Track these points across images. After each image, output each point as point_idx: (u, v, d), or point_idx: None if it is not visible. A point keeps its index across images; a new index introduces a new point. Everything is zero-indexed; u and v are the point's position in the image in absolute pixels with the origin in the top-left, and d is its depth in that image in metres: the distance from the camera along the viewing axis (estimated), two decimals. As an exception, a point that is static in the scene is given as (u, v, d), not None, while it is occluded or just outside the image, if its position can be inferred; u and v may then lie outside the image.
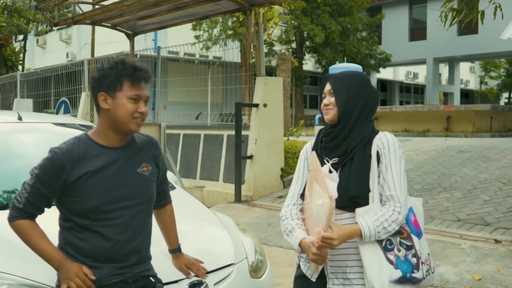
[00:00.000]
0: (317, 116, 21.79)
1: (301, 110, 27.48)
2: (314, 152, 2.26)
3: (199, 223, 3.69)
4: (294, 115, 27.91)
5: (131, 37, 11.06)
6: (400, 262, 2.13)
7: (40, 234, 2.18)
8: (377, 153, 2.22)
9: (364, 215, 2.15)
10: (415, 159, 9.41)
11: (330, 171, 2.23)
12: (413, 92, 43.50)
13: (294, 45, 27.44)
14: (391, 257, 2.13)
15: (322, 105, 2.32)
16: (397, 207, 2.14)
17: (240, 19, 18.76)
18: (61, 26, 19.97)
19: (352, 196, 2.17)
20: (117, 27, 10.70)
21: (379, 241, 2.15)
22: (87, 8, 12.11)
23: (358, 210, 2.17)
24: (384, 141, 2.23)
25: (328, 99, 2.30)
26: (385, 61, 28.25)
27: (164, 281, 2.54)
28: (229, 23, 23.22)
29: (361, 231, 2.11)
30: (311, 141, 2.44)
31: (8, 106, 15.39)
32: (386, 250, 2.14)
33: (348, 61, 23.22)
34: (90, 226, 2.18)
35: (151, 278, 2.37)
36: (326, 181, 2.17)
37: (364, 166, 2.21)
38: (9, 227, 2.20)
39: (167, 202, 2.63)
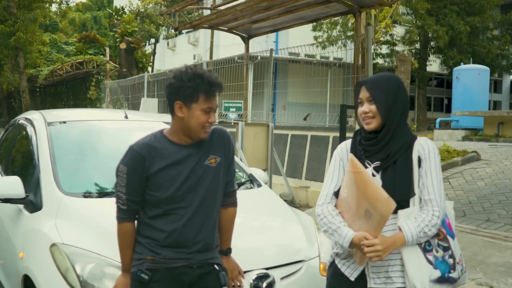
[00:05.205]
0: (439, 119, 20.91)
1: (423, 113, 26.44)
2: (352, 154, 2.27)
3: (276, 219, 3.82)
4: (416, 118, 26.97)
5: (246, 40, 11.46)
6: (438, 262, 2.22)
7: (131, 243, 2.45)
8: (418, 158, 2.27)
9: (406, 218, 2.21)
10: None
11: (373, 175, 2.27)
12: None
13: (418, 45, 26.48)
14: (430, 257, 2.22)
15: (359, 111, 2.32)
16: (435, 211, 2.22)
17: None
18: (182, 31, 20.97)
19: (399, 199, 2.21)
20: (233, 31, 11.15)
21: (419, 243, 2.23)
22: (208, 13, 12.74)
23: (400, 212, 2.22)
24: (425, 147, 2.29)
25: (368, 107, 2.30)
26: (519, 62, 26.39)
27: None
28: (349, 24, 22.99)
29: (405, 238, 2.19)
30: (345, 142, 2.46)
31: (137, 105, 16.57)
32: (425, 251, 2.23)
33: (476, 62, 21.99)
34: (160, 214, 2.40)
35: (215, 266, 2.51)
36: (376, 184, 2.21)
37: (408, 170, 2.25)
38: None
39: (230, 204, 2.66)
